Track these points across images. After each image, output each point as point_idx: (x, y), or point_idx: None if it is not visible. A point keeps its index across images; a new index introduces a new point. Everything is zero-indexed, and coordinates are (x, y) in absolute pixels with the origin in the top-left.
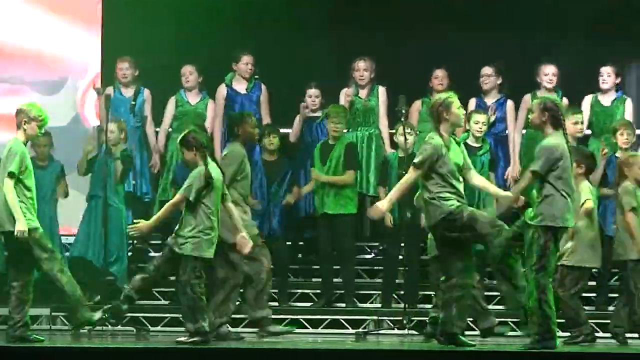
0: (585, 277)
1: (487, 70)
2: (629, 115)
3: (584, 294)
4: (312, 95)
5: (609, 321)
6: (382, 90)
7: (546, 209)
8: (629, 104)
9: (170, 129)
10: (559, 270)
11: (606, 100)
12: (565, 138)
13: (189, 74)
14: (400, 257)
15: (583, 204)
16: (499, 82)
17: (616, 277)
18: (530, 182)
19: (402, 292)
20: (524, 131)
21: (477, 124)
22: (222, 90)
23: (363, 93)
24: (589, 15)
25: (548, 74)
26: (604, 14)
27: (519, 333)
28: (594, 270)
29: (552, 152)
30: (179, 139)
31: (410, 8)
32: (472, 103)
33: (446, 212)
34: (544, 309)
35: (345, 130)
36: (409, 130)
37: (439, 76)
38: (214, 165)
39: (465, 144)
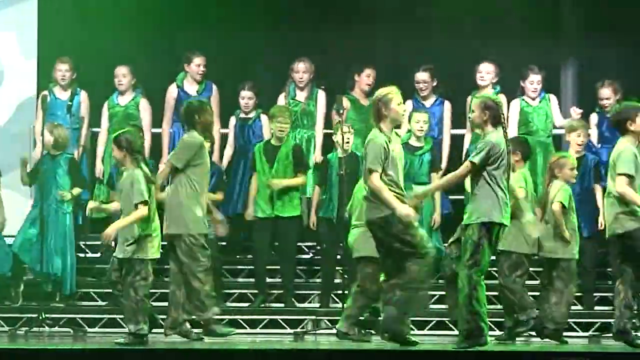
0: (522, 263)
1: (422, 75)
2: (556, 112)
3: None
4: (245, 97)
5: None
6: (321, 94)
7: (480, 206)
8: (554, 101)
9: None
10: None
11: (534, 100)
12: (505, 135)
13: (122, 76)
14: (339, 256)
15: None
16: (434, 84)
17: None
18: (467, 173)
19: (339, 292)
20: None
21: (417, 123)
22: (172, 91)
23: (302, 95)
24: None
25: (482, 71)
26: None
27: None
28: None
29: (494, 148)
30: (113, 136)
31: (348, 8)
32: (409, 105)
33: (382, 216)
34: (473, 305)
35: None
36: (347, 130)
37: (371, 75)
38: (146, 170)
39: (407, 144)
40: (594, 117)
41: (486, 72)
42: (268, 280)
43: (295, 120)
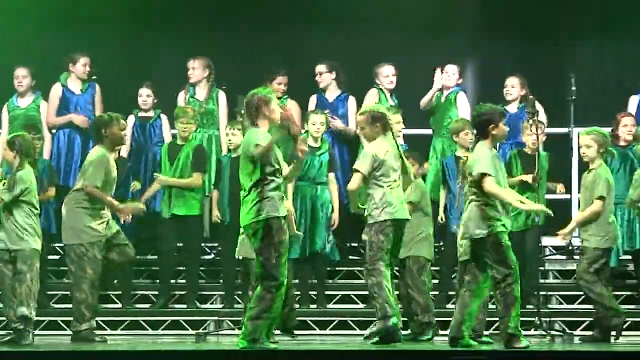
0: (425, 266)
1: (320, 67)
2: (463, 109)
3: None
4: (144, 95)
5: None
6: (222, 95)
7: (376, 205)
8: (461, 98)
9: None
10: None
11: (442, 97)
12: (394, 139)
13: (22, 77)
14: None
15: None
16: (332, 77)
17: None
18: (358, 182)
19: (240, 293)
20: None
21: (314, 124)
22: (57, 90)
23: (201, 95)
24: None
25: (388, 75)
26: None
27: None
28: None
29: (375, 155)
30: (7, 139)
31: (250, 8)
32: (313, 100)
33: (264, 217)
34: (376, 292)
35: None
36: (234, 131)
37: (282, 82)
38: (30, 170)
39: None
40: None
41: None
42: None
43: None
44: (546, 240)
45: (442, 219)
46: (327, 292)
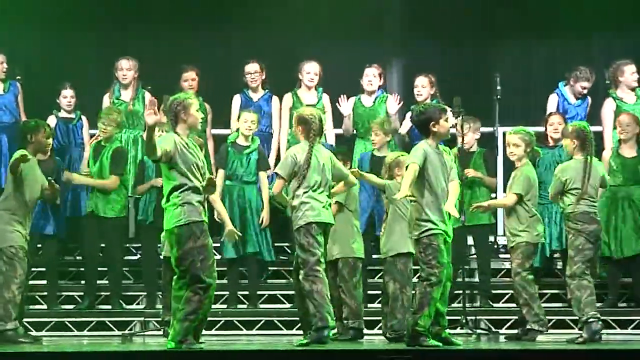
0: (356, 266)
1: (252, 67)
2: (392, 111)
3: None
4: (68, 96)
5: None
6: (147, 95)
7: (299, 209)
8: (390, 102)
9: None
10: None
11: (368, 100)
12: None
13: None
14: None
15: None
16: (263, 77)
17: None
18: (281, 186)
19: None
20: None
21: (245, 122)
22: None
23: (127, 95)
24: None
25: (310, 72)
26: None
27: None
28: None
29: (294, 158)
30: None
31: (174, 7)
32: (237, 99)
33: (185, 222)
34: (316, 299)
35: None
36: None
37: (188, 79)
38: None
39: (235, 143)
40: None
41: (421, 86)
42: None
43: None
44: (470, 240)
45: None
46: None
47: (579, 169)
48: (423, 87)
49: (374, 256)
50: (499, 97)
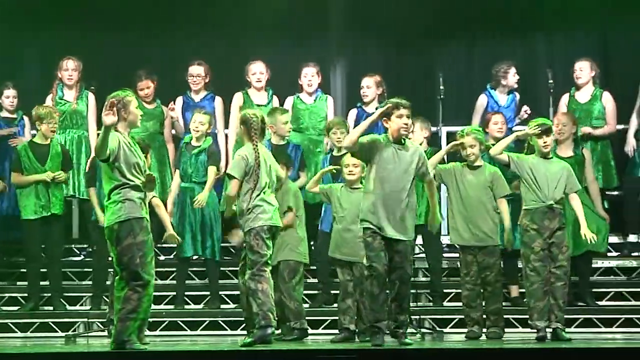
0: (297, 270)
1: (196, 69)
2: (331, 111)
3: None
4: (10, 96)
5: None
6: (91, 95)
7: (252, 212)
8: (330, 102)
9: None
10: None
11: (309, 99)
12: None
13: None
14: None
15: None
16: (207, 80)
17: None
18: (236, 188)
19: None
20: None
21: (194, 122)
22: None
23: (70, 95)
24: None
25: (255, 72)
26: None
27: None
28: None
29: (245, 159)
30: None
31: (119, 7)
32: (179, 101)
33: (125, 219)
34: (260, 299)
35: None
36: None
37: (144, 88)
38: None
39: (187, 143)
40: (353, 112)
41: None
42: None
43: (64, 121)
44: (417, 239)
45: None
46: (198, 293)
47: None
48: (368, 87)
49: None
50: (442, 96)
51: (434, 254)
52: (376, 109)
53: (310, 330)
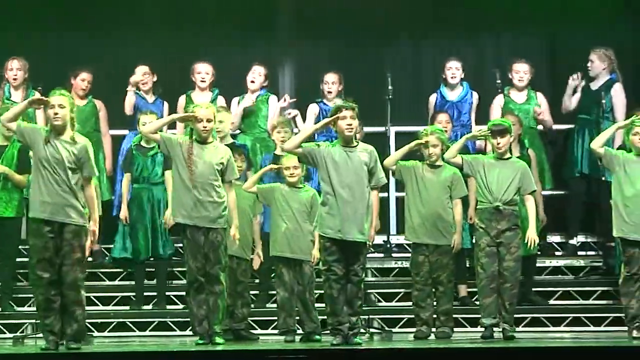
0: (245, 268)
1: (142, 69)
2: (273, 110)
3: None
4: None
5: None
6: (37, 95)
7: None
8: (272, 100)
9: None
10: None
11: (252, 98)
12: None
13: None
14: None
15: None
16: (154, 79)
17: None
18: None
19: None
20: None
21: (144, 124)
22: None
23: (17, 96)
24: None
25: (201, 72)
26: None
27: None
28: None
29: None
30: None
31: (65, 7)
32: (132, 97)
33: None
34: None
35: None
36: None
37: (86, 79)
38: None
39: (140, 145)
40: (313, 107)
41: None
42: None
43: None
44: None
45: None
46: (146, 294)
47: None
48: (334, 83)
49: None
50: (390, 97)
51: None
52: None
53: (259, 331)
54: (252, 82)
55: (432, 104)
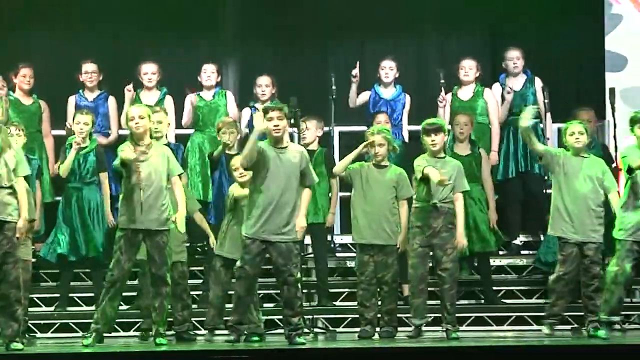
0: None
1: (90, 67)
2: (231, 108)
3: None
4: None
5: None
6: None
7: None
8: (230, 98)
9: None
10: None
11: (208, 95)
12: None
13: None
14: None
15: None
16: (100, 78)
17: None
18: None
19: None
20: None
21: (78, 124)
22: None
23: None
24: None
25: (147, 72)
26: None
27: None
28: None
29: None
30: None
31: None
32: (72, 100)
33: None
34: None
35: None
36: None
37: (27, 75)
38: None
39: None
40: (248, 112)
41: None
42: None
43: None
44: (307, 239)
45: None
46: (88, 295)
47: None
48: (267, 86)
49: None
50: (334, 96)
51: (322, 254)
52: None
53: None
54: (208, 79)
55: (364, 100)
